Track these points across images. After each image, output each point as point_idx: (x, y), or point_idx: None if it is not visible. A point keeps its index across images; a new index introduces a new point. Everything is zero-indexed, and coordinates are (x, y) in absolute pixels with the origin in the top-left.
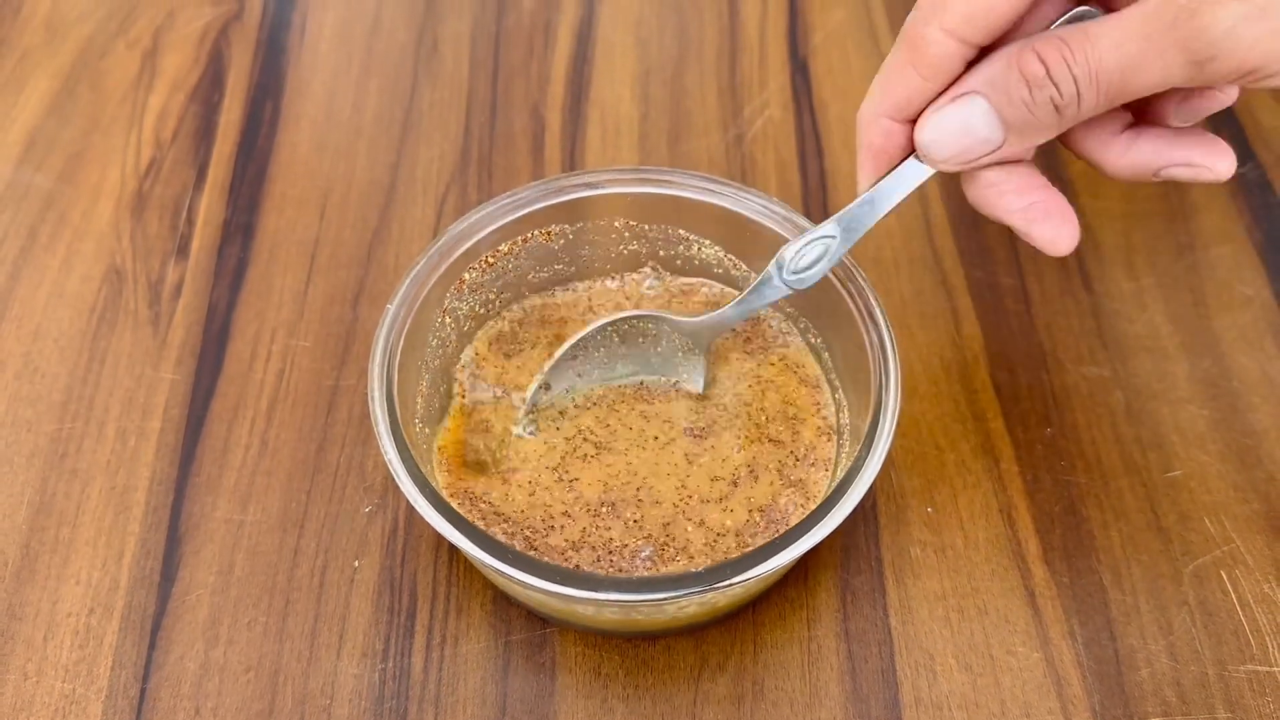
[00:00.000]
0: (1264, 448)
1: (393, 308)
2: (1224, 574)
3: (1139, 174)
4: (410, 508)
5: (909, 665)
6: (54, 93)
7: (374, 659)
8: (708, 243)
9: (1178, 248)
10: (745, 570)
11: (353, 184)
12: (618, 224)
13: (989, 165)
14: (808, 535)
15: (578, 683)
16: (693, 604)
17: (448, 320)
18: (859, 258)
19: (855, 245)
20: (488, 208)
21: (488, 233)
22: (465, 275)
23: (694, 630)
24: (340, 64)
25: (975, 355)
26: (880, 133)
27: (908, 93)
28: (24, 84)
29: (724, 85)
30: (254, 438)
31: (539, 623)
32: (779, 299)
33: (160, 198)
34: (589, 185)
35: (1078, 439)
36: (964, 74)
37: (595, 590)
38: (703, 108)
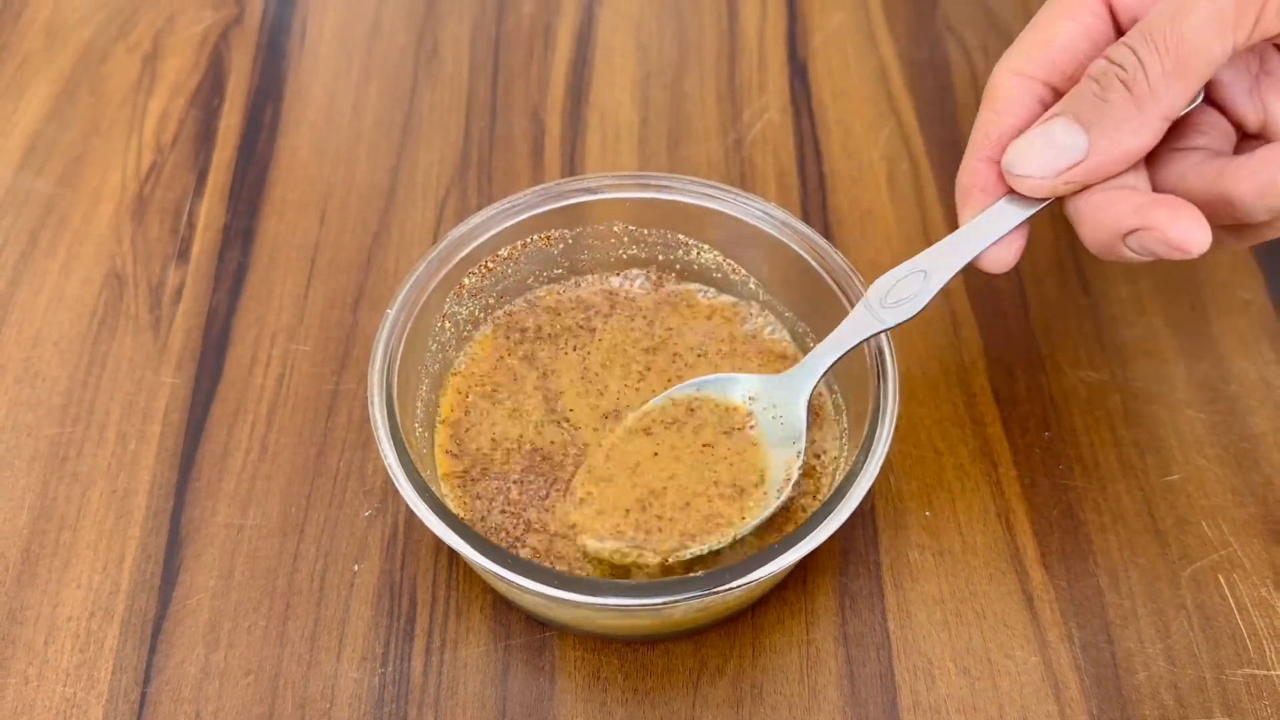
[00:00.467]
0: (1261, 451)
1: (393, 312)
2: (1221, 578)
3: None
4: (410, 512)
5: (907, 669)
6: (54, 97)
7: (374, 663)
8: (706, 247)
9: None
10: (744, 575)
11: (353, 188)
12: (617, 229)
13: (1084, 183)
14: (806, 539)
15: (577, 687)
16: (691, 608)
17: (447, 325)
18: (855, 261)
19: (855, 250)
20: (487, 212)
21: (487, 237)
22: (465, 280)
23: (693, 634)
24: (340, 68)
25: (973, 359)
26: (969, 171)
27: (989, 130)
28: (24, 88)
29: (723, 89)
30: (254, 442)
31: (538, 627)
32: (874, 334)
33: (160, 202)
34: (588, 190)
35: (1076, 443)
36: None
37: (594, 595)
38: (702, 111)
